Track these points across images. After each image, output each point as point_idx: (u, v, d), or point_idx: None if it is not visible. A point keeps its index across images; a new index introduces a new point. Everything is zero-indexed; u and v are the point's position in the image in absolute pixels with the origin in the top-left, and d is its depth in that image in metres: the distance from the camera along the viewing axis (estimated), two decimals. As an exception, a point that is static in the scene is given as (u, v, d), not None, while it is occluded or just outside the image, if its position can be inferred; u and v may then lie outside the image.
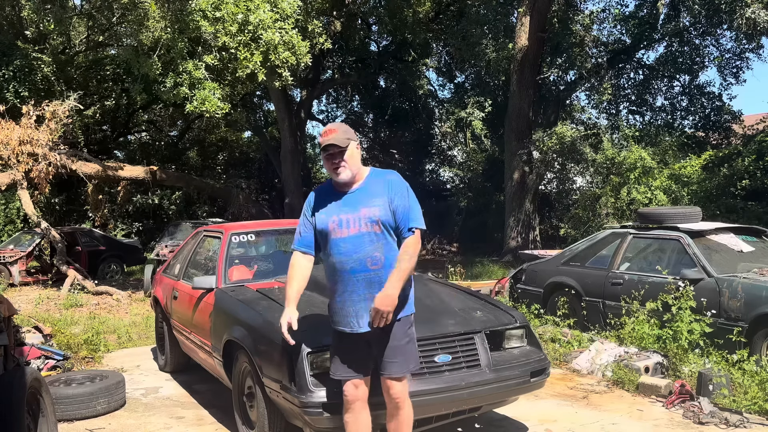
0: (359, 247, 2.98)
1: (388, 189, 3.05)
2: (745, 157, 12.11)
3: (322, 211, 3.09)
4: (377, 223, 2.99)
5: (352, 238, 2.99)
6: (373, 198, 3.03)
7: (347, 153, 3.03)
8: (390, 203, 3.02)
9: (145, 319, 8.38)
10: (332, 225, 3.02)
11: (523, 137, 15.22)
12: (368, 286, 2.99)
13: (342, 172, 3.03)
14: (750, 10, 13.18)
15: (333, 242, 3.03)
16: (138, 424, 4.51)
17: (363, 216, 3.00)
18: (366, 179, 3.11)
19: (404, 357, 3.04)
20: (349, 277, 3.00)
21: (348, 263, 2.99)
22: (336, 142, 3.01)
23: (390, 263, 2.99)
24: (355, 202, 3.04)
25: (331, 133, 3.04)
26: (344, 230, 3.01)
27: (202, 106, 10.64)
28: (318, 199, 3.15)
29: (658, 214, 6.64)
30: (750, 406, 4.41)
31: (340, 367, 3.06)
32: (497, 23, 16.13)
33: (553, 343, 6.10)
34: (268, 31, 10.46)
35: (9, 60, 12.31)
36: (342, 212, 3.04)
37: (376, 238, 2.99)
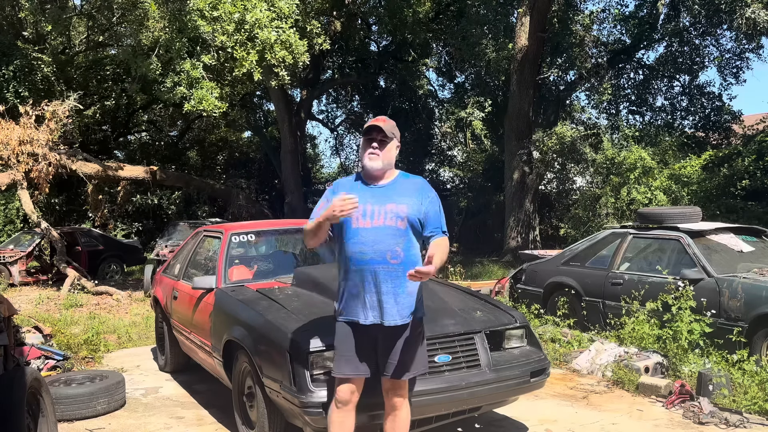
0: (381, 239, 2.97)
1: (419, 192, 3.09)
2: (745, 157, 12.11)
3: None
4: (403, 219, 2.99)
5: (375, 229, 2.98)
6: (401, 196, 3.04)
7: (387, 145, 3.06)
8: (420, 205, 3.04)
9: (145, 319, 8.38)
10: (356, 213, 2.97)
11: (523, 137, 15.22)
12: (384, 279, 2.97)
13: (374, 159, 3.04)
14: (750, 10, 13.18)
15: (353, 231, 3.00)
16: (138, 424, 4.51)
17: (389, 210, 3.00)
18: (395, 178, 3.13)
19: (412, 359, 3.03)
20: (366, 268, 2.98)
21: (368, 253, 2.97)
22: (383, 127, 3.04)
23: (408, 260, 2.98)
24: (382, 196, 3.04)
25: (381, 121, 3.09)
26: (368, 220, 2.99)
27: (199, 105, 10.64)
28: (343, 187, 3.13)
29: (658, 214, 6.64)
30: (750, 406, 4.41)
31: (344, 365, 3.03)
32: (497, 23, 16.12)
33: (553, 343, 6.10)
34: (265, 30, 10.46)
35: (9, 60, 12.32)
36: (368, 203, 3.02)
37: (398, 233, 2.99)
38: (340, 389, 3.04)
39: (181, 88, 10.54)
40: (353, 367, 3.02)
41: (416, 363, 3.05)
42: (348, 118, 25.86)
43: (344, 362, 3.03)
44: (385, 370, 3.03)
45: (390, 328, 2.98)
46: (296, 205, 19.33)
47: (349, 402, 3.04)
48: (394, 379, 3.03)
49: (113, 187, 17.91)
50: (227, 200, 19.09)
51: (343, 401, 3.04)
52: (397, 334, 3.01)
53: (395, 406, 3.07)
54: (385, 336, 3.01)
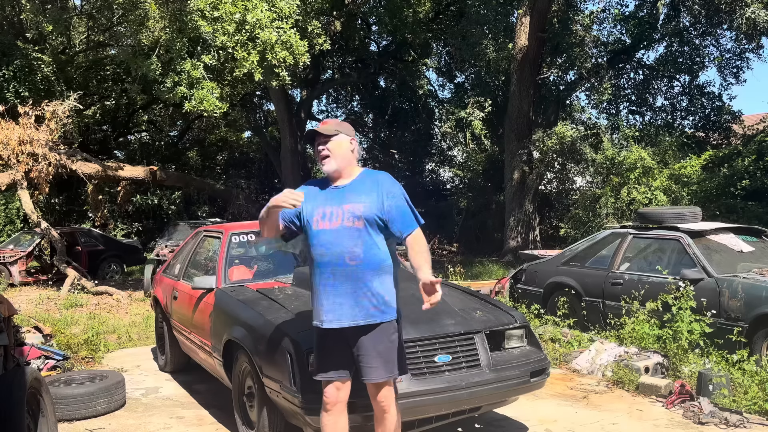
0: (339, 241, 2.95)
1: (378, 187, 3.02)
2: (745, 157, 12.11)
3: (309, 201, 3.06)
4: (360, 219, 2.96)
5: (333, 231, 2.97)
6: (359, 194, 3.01)
7: (332, 143, 3.04)
8: (381, 203, 2.98)
9: (145, 319, 8.38)
10: (316, 216, 3.01)
11: (523, 137, 15.22)
12: (342, 280, 2.95)
13: (326, 162, 3.05)
14: (750, 10, 13.18)
15: (314, 233, 3.02)
16: (138, 424, 4.50)
17: (346, 210, 2.98)
18: (357, 177, 3.09)
19: (385, 362, 2.96)
20: (326, 270, 2.98)
21: (326, 256, 2.97)
22: (321, 131, 3.05)
23: (369, 260, 2.95)
24: (340, 197, 3.03)
25: (322, 124, 3.10)
26: (326, 222, 2.99)
27: (200, 105, 10.64)
28: (308, 190, 3.13)
29: (658, 214, 6.64)
30: (750, 406, 4.41)
31: (322, 368, 3.02)
32: (497, 23, 16.12)
33: (553, 343, 6.10)
34: (266, 30, 10.46)
35: (9, 60, 12.31)
36: (327, 205, 3.03)
37: (357, 233, 2.95)
38: (325, 391, 3.02)
39: (181, 88, 10.54)
40: (330, 369, 3.00)
41: (388, 366, 2.97)
42: (348, 118, 25.81)
43: (322, 365, 3.03)
44: (362, 373, 3.00)
45: (353, 329, 2.95)
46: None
47: (336, 403, 3.01)
48: (368, 382, 3.00)
49: (113, 187, 17.91)
50: (227, 200, 19.10)
51: (330, 403, 3.01)
52: (362, 334, 2.96)
53: (381, 409, 3.03)
54: (352, 337, 2.98)
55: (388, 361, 2.97)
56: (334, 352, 3.01)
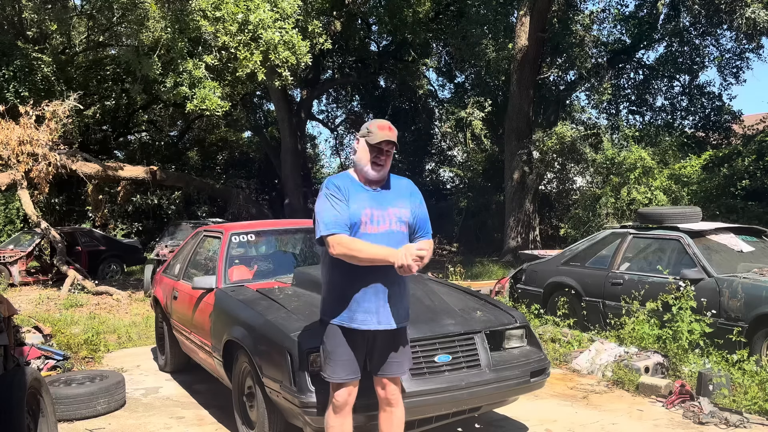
0: (389, 245, 2.93)
1: (412, 195, 3.13)
2: (745, 157, 12.10)
3: (351, 200, 3.00)
4: (405, 224, 3.04)
5: (382, 235, 2.97)
6: (399, 199, 3.07)
7: (391, 155, 3.09)
8: (415, 209, 3.09)
9: (145, 319, 8.38)
10: (364, 218, 2.97)
11: (523, 137, 15.22)
12: (390, 283, 2.97)
13: (380, 170, 3.03)
14: (750, 10, 13.19)
15: (362, 236, 2.96)
16: (138, 424, 4.50)
17: (392, 215, 3.01)
18: (389, 180, 3.13)
19: (407, 357, 3.14)
20: (373, 274, 2.95)
21: None
22: (394, 140, 3.03)
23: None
24: (382, 200, 3.04)
25: (393, 131, 3.04)
26: (374, 226, 2.98)
27: (202, 104, 10.64)
28: (343, 188, 3.03)
29: (658, 214, 6.64)
30: (750, 406, 4.41)
31: (339, 369, 3.00)
32: (497, 23, 16.12)
33: (553, 343, 6.10)
34: (268, 30, 10.46)
35: (9, 60, 12.32)
36: (373, 207, 3.01)
37: (402, 237, 3.01)
38: (338, 394, 3.02)
39: (183, 87, 10.55)
40: (349, 371, 3.00)
41: (409, 359, 3.17)
42: (348, 118, 25.86)
43: (339, 367, 3.00)
44: (382, 370, 3.04)
45: (390, 331, 3.00)
46: (296, 205, 19.33)
47: (345, 405, 3.03)
48: (393, 377, 3.05)
49: (113, 187, 17.91)
50: (227, 200, 19.10)
51: (341, 406, 3.02)
52: (396, 335, 3.06)
53: (391, 404, 3.07)
54: (383, 338, 3.02)
55: (408, 357, 3.17)
56: (354, 354, 3.01)
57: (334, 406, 3.03)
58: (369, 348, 3.04)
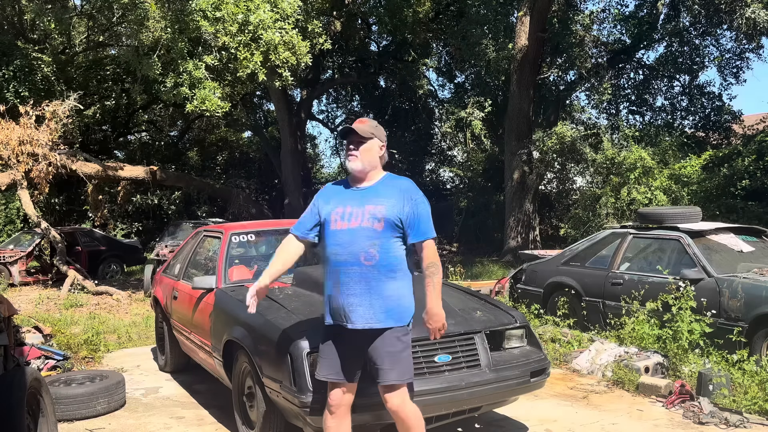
0: (355, 241, 2.95)
1: (402, 193, 3.03)
2: (745, 157, 12.10)
3: (330, 201, 3.10)
4: (380, 221, 2.96)
5: (351, 230, 2.97)
6: (381, 197, 3.02)
7: (365, 145, 3.05)
8: (402, 207, 2.98)
9: (145, 319, 8.38)
10: (334, 216, 3.03)
11: (523, 137, 15.22)
12: (356, 280, 2.94)
13: (353, 161, 3.05)
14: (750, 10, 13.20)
15: (331, 233, 3.03)
16: (138, 424, 4.50)
17: (367, 211, 2.98)
18: (380, 180, 3.10)
19: (396, 365, 2.94)
20: (340, 270, 2.97)
21: (341, 255, 2.97)
22: (358, 131, 3.03)
23: (385, 262, 2.95)
24: (362, 198, 3.03)
25: (359, 123, 3.09)
26: (344, 222, 3.00)
27: (202, 105, 10.64)
28: (329, 191, 3.18)
29: (658, 214, 6.64)
30: (750, 406, 4.41)
31: (326, 368, 3.00)
32: (497, 23, 16.12)
33: (553, 343, 6.10)
34: (269, 31, 10.46)
35: (9, 60, 12.32)
36: (347, 205, 3.03)
37: (374, 234, 2.95)
38: (330, 394, 3.01)
39: (183, 88, 10.55)
40: (333, 371, 2.99)
41: (400, 369, 2.95)
42: (348, 118, 25.82)
43: (325, 365, 3.01)
44: (376, 376, 2.99)
45: (365, 331, 2.94)
46: (296, 205, 19.31)
47: (340, 406, 3.00)
48: (381, 384, 2.98)
49: (113, 187, 17.91)
50: (227, 200, 19.09)
51: (334, 405, 3.00)
52: (372, 338, 2.95)
53: (391, 411, 3.01)
54: (364, 339, 2.96)
55: (400, 365, 2.95)
56: (343, 353, 2.99)
57: (328, 405, 3.02)
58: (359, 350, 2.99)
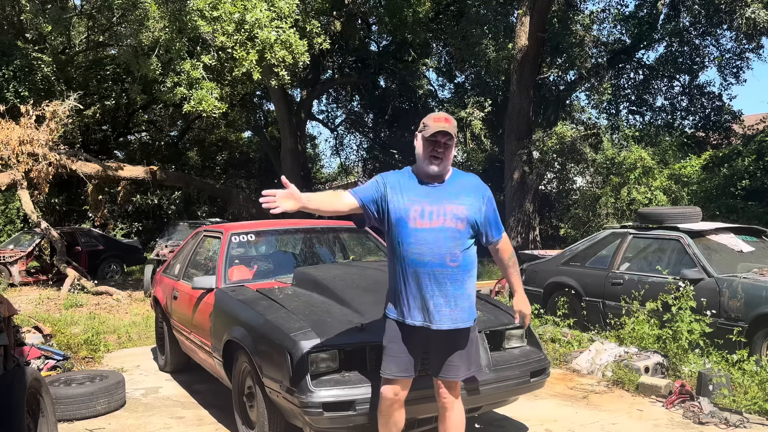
0: (440, 241, 2.89)
1: (477, 192, 3.02)
2: (745, 157, 12.10)
3: (404, 194, 2.96)
4: (462, 221, 2.92)
5: (434, 230, 2.90)
6: (459, 196, 2.96)
7: (450, 147, 2.98)
8: (480, 206, 2.99)
9: (145, 319, 8.38)
10: (414, 213, 2.91)
11: (523, 137, 15.21)
12: (443, 282, 2.90)
13: (439, 163, 2.95)
14: (750, 10, 13.20)
15: (411, 231, 2.91)
16: (138, 424, 4.50)
17: (448, 211, 2.92)
18: (451, 177, 3.04)
19: (467, 362, 3.03)
20: (424, 270, 2.90)
21: (426, 255, 2.89)
22: (450, 131, 2.93)
23: (465, 262, 2.95)
24: (439, 196, 2.96)
25: (447, 122, 2.95)
26: (426, 221, 2.90)
27: (199, 105, 10.64)
28: (398, 182, 3.01)
29: (658, 214, 6.64)
30: (750, 406, 4.41)
31: (392, 365, 2.98)
32: (497, 23, 16.12)
33: (553, 343, 6.10)
34: (264, 30, 10.46)
35: (9, 60, 12.32)
36: (426, 203, 2.94)
37: (458, 234, 2.92)
38: (385, 389, 3.00)
39: (181, 88, 10.55)
40: (401, 368, 2.98)
41: (470, 364, 3.05)
42: (348, 118, 25.84)
43: (393, 362, 2.99)
44: (438, 371, 3.00)
45: (445, 331, 2.94)
46: (296, 205, 19.28)
47: (395, 402, 3.02)
48: (447, 380, 3.00)
49: (113, 187, 17.92)
50: (227, 200, 19.09)
51: (387, 403, 3.02)
52: (453, 336, 2.97)
53: (446, 407, 3.04)
54: (439, 338, 2.95)
55: (470, 361, 3.04)
56: (409, 352, 2.98)
57: (381, 401, 3.03)
58: (426, 347, 3.00)
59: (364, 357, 3.40)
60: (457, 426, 3.07)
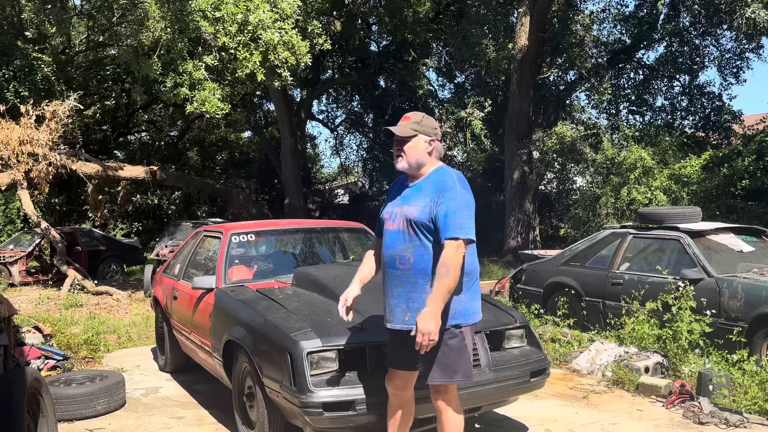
0: (394, 243, 2.96)
1: (437, 191, 2.89)
2: (745, 157, 12.10)
3: (390, 198, 3.14)
4: (410, 224, 2.92)
5: (391, 232, 3.00)
6: (417, 197, 2.94)
7: (408, 144, 2.97)
8: (433, 206, 2.87)
9: (145, 319, 8.38)
10: (385, 215, 3.07)
11: (523, 137, 15.22)
12: (399, 284, 2.94)
13: (398, 161, 3.01)
14: (750, 10, 13.20)
15: (383, 233, 3.08)
16: (138, 424, 4.50)
17: (403, 212, 2.96)
18: (427, 176, 3.00)
19: (439, 366, 2.90)
20: (384, 271, 3.04)
21: (385, 257, 3.03)
22: (396, 131, 2.96)
23: (421, 267, 2.89)
24: (405, 198, 3.02)
25: (402, 120, 3.01)
26: (390, 223, 3.02)
27: (202, 107, 10.65)
28: (392, 188, 3.18)
29: (658, 214, 6.64)
30: (750, 406, 4.41)
31: (388, 356, 3.13)
32: (497, 23, 16.13)
33: (553, 343, 6.10)
34: (268, 31, 10.46)
35: (9, 60, 12.31)
36: (396, 204, 3.05)
37: (408, 238, 2.92)
38: (387, 377, 3.12)
39: (183, 89, 10.54)
40: (391, 359, 3.09)
41: (444, 370, 2.91)
42: (348, 118, 25.86)
43: (390, 354, 3.12)
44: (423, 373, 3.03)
45: (399, 332, 2.97)
46: (296, 205, 19.32)
47: (397, 392, 3.09)
48: (432, 384, 3.00)
49: (113, 187, 17.92)
50: (227, 200, 19.09)
51: (391, 393, 3.11)
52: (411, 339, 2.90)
53: (438, 410, 3.04)
54: (402, 338, 2.96)
55: (445, 366, 2.91)
56: (398, 348, 3.05)
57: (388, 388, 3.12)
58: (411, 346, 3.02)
59: (364, 357, 3.40)
60: (451, 429, 3.03)
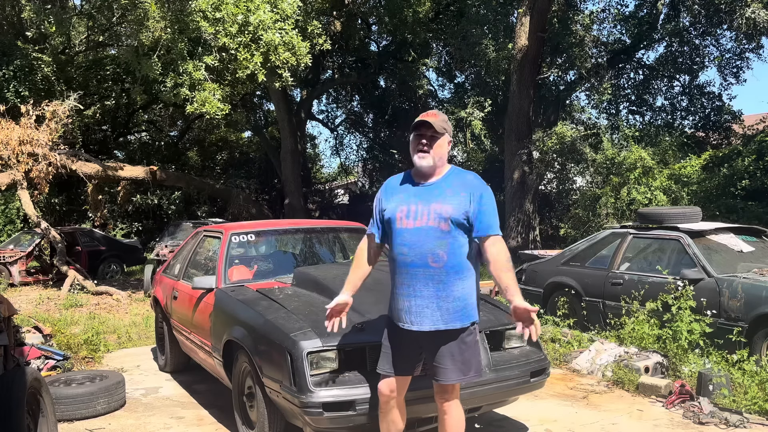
0: (423, 241, 2.88)
1: (469, 189, 2.93)
2: (745, 157, 12.09)
3: (393, 198, 3.02)
4: (446, 221, 2.87)
5: (417, 230, 2.89)
6: (448, 195, 2.91)
7: (438, 141, 2.94)
8: (468, 204, 2.89)
9: (145, 319, 8.38)
10: (399, 214, 2.95)
11: (523, 137, 15.21)
12: (427, 283, 2.89)
13: (424, 157, 2.93)
14: (750, 10, 13.20)
15: (397, 232, 2.95)
16: (138, 424, 4.51)
17: (433, 210, 2.89)
18: (445, 175, 3.00)
19: (458, 365, 2.93)
20: (407, 271, 2.92)
21: (409, 256, 2.90)
22: (432, 123, 2.91)
23: (453, 264, 2.89)
24: (428, 195, 2.94)
25: (432, 116, 2.95)
26: (410, 221, 2.91)
27: (202, 107, 10.65)
28: (392, 186, 3.08)
29: (658, 214, 6.64)
30: (750, 406, 4.41)
31: (384, 362, 3.04)
32: (497, 23, 16.12)
33: (553, 343, 6.10)
34: (269, 31, 10.47)
35: (9, 60, 12.31)
36: (412, 202, 2.95)
37: (442, 234, 2.87)
38: (380, 385, 3.06)
39: (183, 89, 10.54)
40: (391, 365, 3.02)
41: (465, 368, 2.95)
42: (348, 118, 25.85)
43: (385, 359, 3.05)
44: (433, 373, 3.00)
45: (432, 333, 2.92)
46: (296, 206, 19.33)
47: (390, 399, 3.04)
48: (440, 383, 2.98)
49: (113, 187, 17.91)
50: (227, 200, 19.09)
51: (382, 399, 3.05)
52: (442, 338, 2.93)
53: (443, 410, 3.03)
54: (429, 340, 2.95)
55: (462, 364, 2.94)
56: (402, 351, 3.01)
57: (379, 398, 3.07)
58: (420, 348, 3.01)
59: (364, 357, 3.40)
60: (454, 428, 3.06)
